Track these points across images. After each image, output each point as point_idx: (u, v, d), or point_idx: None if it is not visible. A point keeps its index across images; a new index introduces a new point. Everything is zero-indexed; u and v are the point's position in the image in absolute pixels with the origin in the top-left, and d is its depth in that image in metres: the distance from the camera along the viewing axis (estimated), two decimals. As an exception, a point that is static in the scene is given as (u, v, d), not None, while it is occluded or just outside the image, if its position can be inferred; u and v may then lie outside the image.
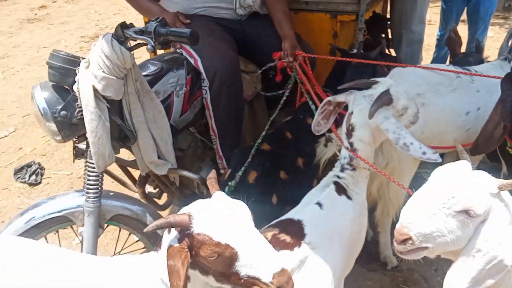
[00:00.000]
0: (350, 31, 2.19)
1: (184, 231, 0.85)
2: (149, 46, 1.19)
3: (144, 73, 1.63)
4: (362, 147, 1.26)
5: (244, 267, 0.84)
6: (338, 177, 1.27)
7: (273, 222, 1.21)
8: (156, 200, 1.94)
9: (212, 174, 1.00)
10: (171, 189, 1.81)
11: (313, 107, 1.65)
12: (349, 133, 1.29)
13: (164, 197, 1.97)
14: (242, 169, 1.49)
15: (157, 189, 1.93)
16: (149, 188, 2.01)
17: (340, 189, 1.25)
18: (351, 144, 1.27)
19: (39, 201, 1.45)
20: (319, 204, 1.21)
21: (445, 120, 1.65)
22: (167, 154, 1.57)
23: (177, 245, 0.85)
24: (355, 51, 2.03)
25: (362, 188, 1.28)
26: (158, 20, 1.23)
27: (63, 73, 1.32)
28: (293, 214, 1.22)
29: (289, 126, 1.73)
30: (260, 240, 0.87)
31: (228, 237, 0.83)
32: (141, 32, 1.24)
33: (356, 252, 1.27)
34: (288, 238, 1.11)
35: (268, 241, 0.93)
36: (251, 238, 0.85)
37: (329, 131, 1.47)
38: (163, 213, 2.34)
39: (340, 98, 1.33)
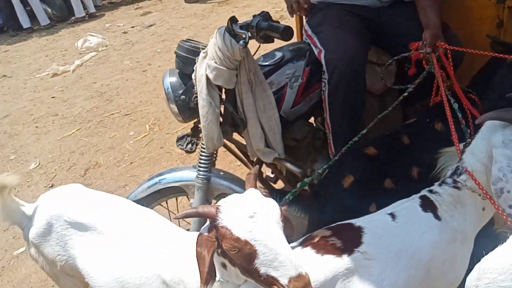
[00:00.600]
0: (522, 20, 1.78)
1: (213, 222, 0.90)
2: (241, 42, 1.24)
3: (265, 63, 1.70)
4: (473, 163, 1.04)
5: (263, 266, 0.85)
6: (431, 191, 1.09)
7: (332, 225, 1.13)
8: (272, 184, 2.03)
9: (254, 170, 1.01)
10: (284, 175, 1.86)
11: (449, 108, 1.41)
12: (467, 143, 1.09)
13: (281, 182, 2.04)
14: (323, 167, 1.41)
15: (274, 174, 2.00)
16: (267, 172, 2.11)
17: (428, 205, 1.07)
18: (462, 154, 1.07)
19: (163, 171, 1.70)
20: (392, 215, 1.07)
21: None
22: (274, 144, 1.62)
23: (206, 233, 0.91)
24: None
25: (465, 216, 1.07)
26: (262, 14, 1.26)
27: (185, 62, 1.50)
28: (356, 220, 1.12)
29: (409, 129, 1.55)
30: (280, 241, 0.87)
31: (248, 234, 0.85)
32: (246, 26, 1.30)
33: (437, 285, 1.08)
34: (339, 243, 1.03)
35: (314, 243, 0.90)
36: (271, 238, 0.85)
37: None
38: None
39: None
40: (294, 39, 2.11)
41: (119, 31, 7.09)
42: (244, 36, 1.26)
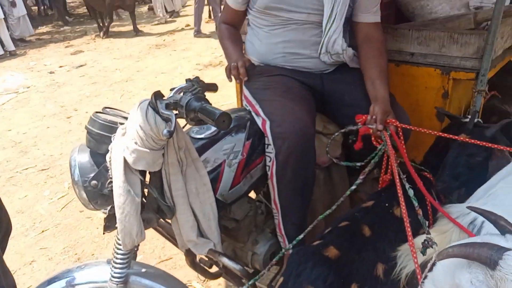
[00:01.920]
0: (466, 92, 1.73)
1: None
2: (164, 131, 1.00)
3: (199, 136, 1.46)
4: None
5: None
6: None
7: None
8: (207, 268, 1.74)
9: None
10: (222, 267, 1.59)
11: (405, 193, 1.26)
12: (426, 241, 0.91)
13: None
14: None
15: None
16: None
17: None
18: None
19: (70, 268, 1.35)
20: None
21: None
22: (209, 233, 1.36)
23: None
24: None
25: None
26: (195, 91, 1.03)
27: (98, 140, 1.21)
28: None
29: (368, 216, 1.36)
30: None
31: None
32: (175, 103, 1.06)
33: None
34: None
35: None
36: None
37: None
38: (214, 282, 2.15)
39: None
40: (234, 103, 1.92)
41: (45, 71, 6.56)
42: (170, 118, 1.02)
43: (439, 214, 1.21)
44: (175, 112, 1.08)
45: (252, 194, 1.77)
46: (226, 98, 4.11)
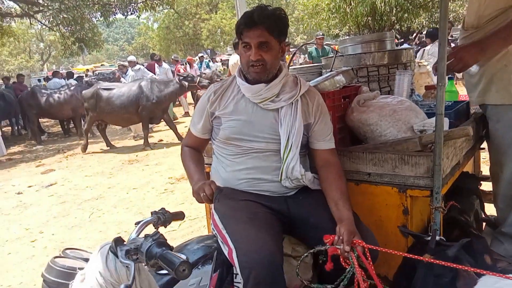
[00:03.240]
0: (425, 207, 1.80)
1: None
2: (122, 286, 0.98)
3: (164, 272, 1.42)
4: None
5: None
6: None
7: None
8: None
9: None
10: None
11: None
12: None
13: None
14: None
15: None
16: None
17: None
18: None
19: None
20: None
21: None
22: None
23: None
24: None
25: None
26: (156, 237, 1.04)
27: (55, 288, 1.16)
28: None
29: None
30: None
31: None
32: (135, 249, 1.05)
33: None
34: None
35: None
36: None
37: None
38: None
39: None
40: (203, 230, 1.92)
41: (12, 192, 6.42)
42: (129, 267, 1.00)
43: None
44: (135, 257, 1.07)
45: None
46: (198, 210, 4.09)
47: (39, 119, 11.47)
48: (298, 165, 1.73)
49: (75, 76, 15.70)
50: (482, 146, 2.54)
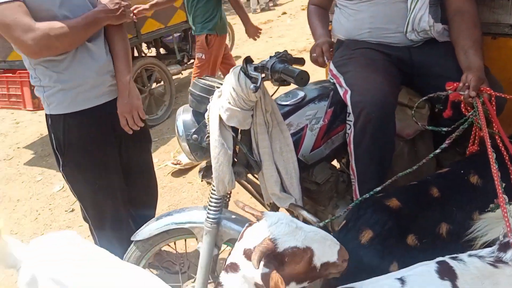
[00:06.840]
0: None
1: (270, 255, 0.93)
2: (251, 86, 1.16)
3: (285, 103, 1.61)
4: None
5: (318, 259, 0.98)
6: (455, 258, 0.93)
7: None
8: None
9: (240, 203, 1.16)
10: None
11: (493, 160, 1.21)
12: None
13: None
14: (335, 216, 1.27)
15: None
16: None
17: (446, 272, 0.90)
18: None
19: (173, 210, 1.62)
20: (401, 280, 0.92)
21: None
22: (291, 189, 1.51)
23: (267, 270, 0.91)
24: None
25: None
26: (279, 55, 1.18)
27: (199, 100, 1.43)
28: (361, 283, 0.98)
29: (440, 180, 1.39)
30: (316, 230, 1.03)
31: (305, 241, 0.97)
32: (262, 67, 1.22)
33: None
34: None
35: None
36: (312, 232, 1.00)
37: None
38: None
39: None
40: (323, 76, 2.02)
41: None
42: (257, 78, 1.18)
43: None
44: (262, 75, 1.24)
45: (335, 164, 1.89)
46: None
47: None
48: (427, 15, 1.63)
49: None
50: None
